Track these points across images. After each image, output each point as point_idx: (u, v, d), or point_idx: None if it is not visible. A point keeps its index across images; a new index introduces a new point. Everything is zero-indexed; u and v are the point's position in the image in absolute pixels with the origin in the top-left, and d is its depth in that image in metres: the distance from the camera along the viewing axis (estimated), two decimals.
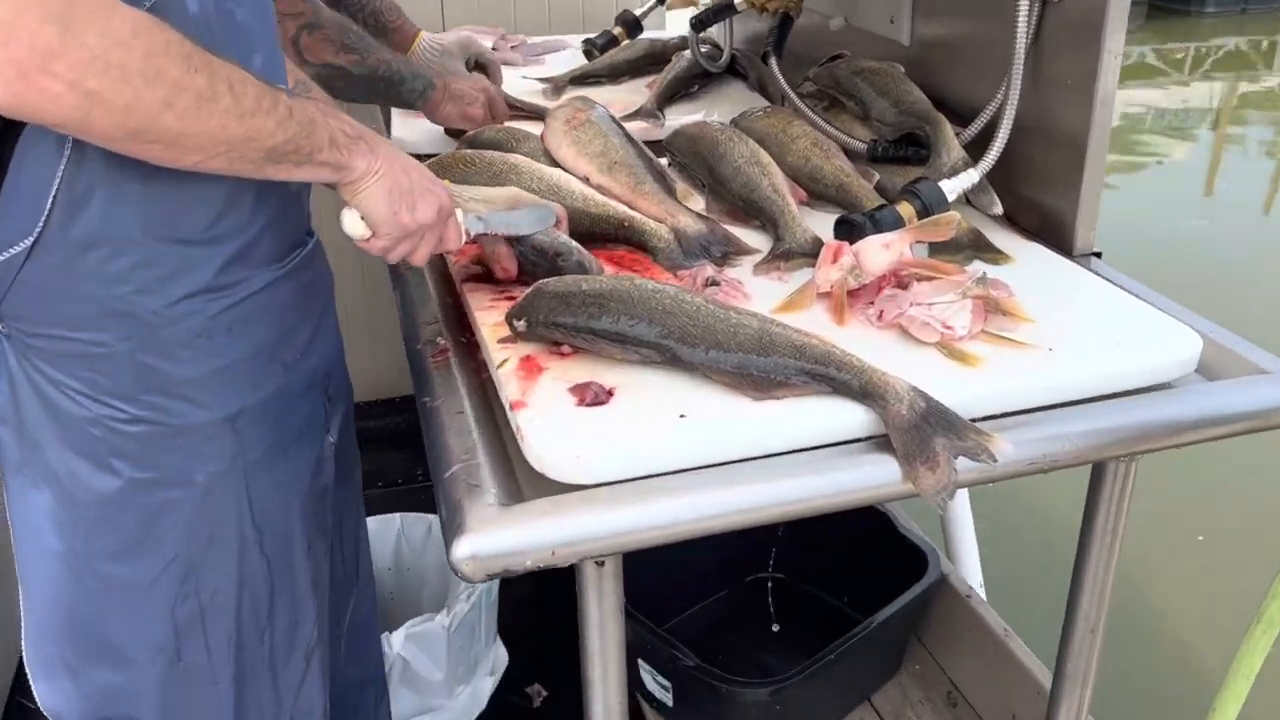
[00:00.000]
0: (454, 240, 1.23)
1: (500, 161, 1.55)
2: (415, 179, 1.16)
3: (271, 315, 1.10)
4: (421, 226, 1.16)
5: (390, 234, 1.14)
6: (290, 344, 1.13)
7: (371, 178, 1.11)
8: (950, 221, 1.30)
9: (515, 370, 1.17)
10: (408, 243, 1.17)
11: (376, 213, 1.12)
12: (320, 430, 1.20)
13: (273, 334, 1.11)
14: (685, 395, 1.11)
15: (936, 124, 1.55)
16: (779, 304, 1.31)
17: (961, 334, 1.20)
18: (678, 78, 2.22)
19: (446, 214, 1.20)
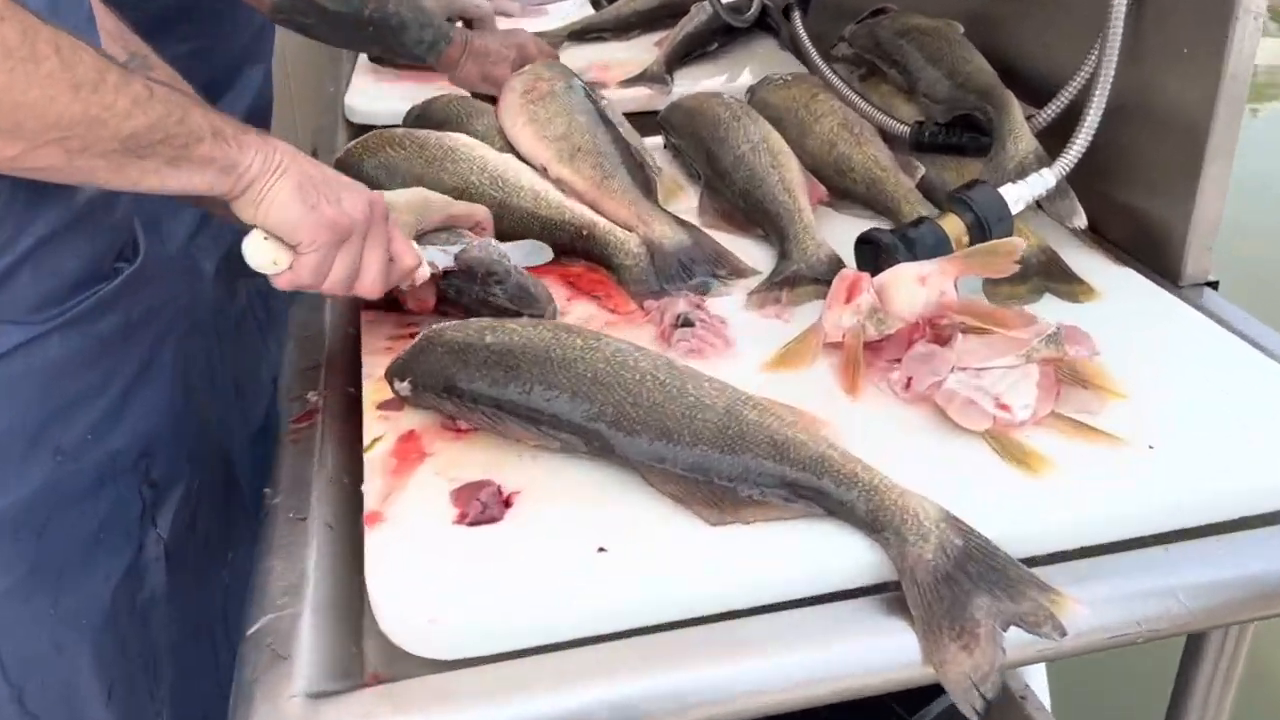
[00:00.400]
0: (409, 255, 0.92)
1: (435, 144, 1.21)
2: (329, 173, 0.87)
3: (30, 385, 0.79)
4: (354, 222, 0.85)
5: (315, 240, 0.83)
6: (69, 422, 0.82)
7: (273, 175, 0.81)
8: (1012, 251, 0.93)
9: (388, 455, 0.84)
10: (344, 253, 0.85)
11: (289, 215, 0.82)
12: (132, 531, 0.89)
13: (31, 411, 0.79)
14: (613, 512, 0.77)
15: (1002, 104, 1.17)
16: (771, 357, 0.96)
17: (1023, 418, 0.84)
18: (693, 34, 1.84)
19: (383, 212, 0.89)
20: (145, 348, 0.91)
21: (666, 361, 0.83)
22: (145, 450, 0.90)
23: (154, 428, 0.91)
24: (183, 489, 0.95)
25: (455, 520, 0.77)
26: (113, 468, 0.86)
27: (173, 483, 0.94)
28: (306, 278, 0.84)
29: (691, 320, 1.00)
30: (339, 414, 0.94)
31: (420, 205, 1.04)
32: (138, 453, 0.89)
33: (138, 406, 0.89)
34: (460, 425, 0.86)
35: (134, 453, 0.88)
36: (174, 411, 0.94)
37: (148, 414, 0.90)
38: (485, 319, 0.88)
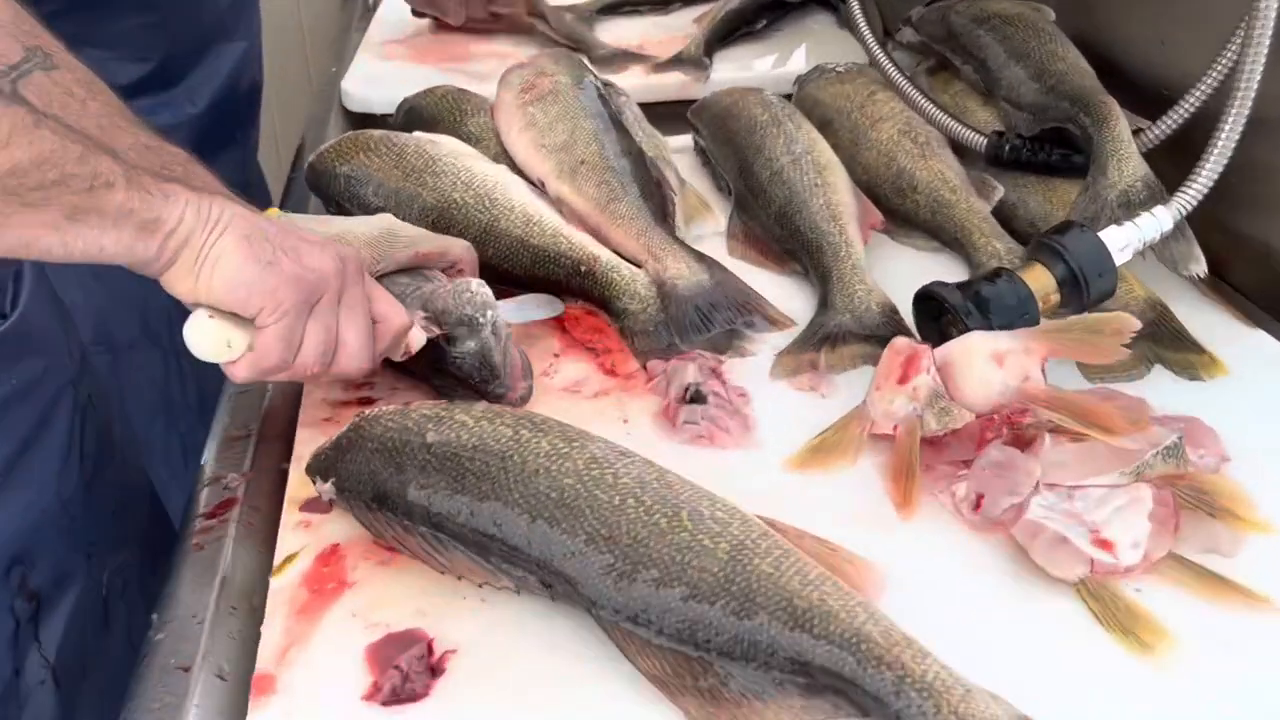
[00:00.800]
0: (397, 315, 0.72)
1: (415, 152, 1.02)
2: (283, 225, 0.67)
3: None
4: (323, 278, 0.66)
5: (278, 304, 0.64)
6: None
7: (211, 231, 0.62)
8: (1121, 331, 0.71)
9: (299, 584, 0.66)
10: (317, 320, 0.66)
11: (241, 276, 0.63)
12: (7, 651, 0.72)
13: None
14: (573, 697, 0.58)
15: (1101, 115, 0.95)
16: (800, 452, 0.76)
17: (1130, 562, 0.63)
18: (737, 9, 1.60)
19: (358, 268, 0.69)
20: (22, 425, 0.73)
21: (657, 475, 0.64)
22: (17, 556, 0.72)
23: (31, 526, 0.73)
24: (77, 591, 0.78)
25: (366, 695, 0.58)
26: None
27: (64, 587, 0.77)
28: (273, 356, 0.65)
29: (703, 395, 0.80)
30: (264, 507, 0.76)
31: (381, 238, 0.85)
32: (7, 560, 0.72)
33: (7, 502, 0.71)
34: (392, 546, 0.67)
35: (1, 561, 0.71)
36: (65, 497, 0.76)
37: (21, 511, 0.72)
38: (430, 405, 0.69)
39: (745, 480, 0.73)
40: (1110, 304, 0.87)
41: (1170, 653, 0.59)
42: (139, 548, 0.87)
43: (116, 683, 0.79)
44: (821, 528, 0.65)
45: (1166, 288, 0.91)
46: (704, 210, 1.09)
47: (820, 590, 0.57)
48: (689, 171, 1.18)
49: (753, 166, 1.06)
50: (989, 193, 1.02)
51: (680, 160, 1.19)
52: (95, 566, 0.81)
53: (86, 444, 0.80)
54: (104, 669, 0.81)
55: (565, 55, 1.15)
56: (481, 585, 0.63)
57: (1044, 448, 0.68)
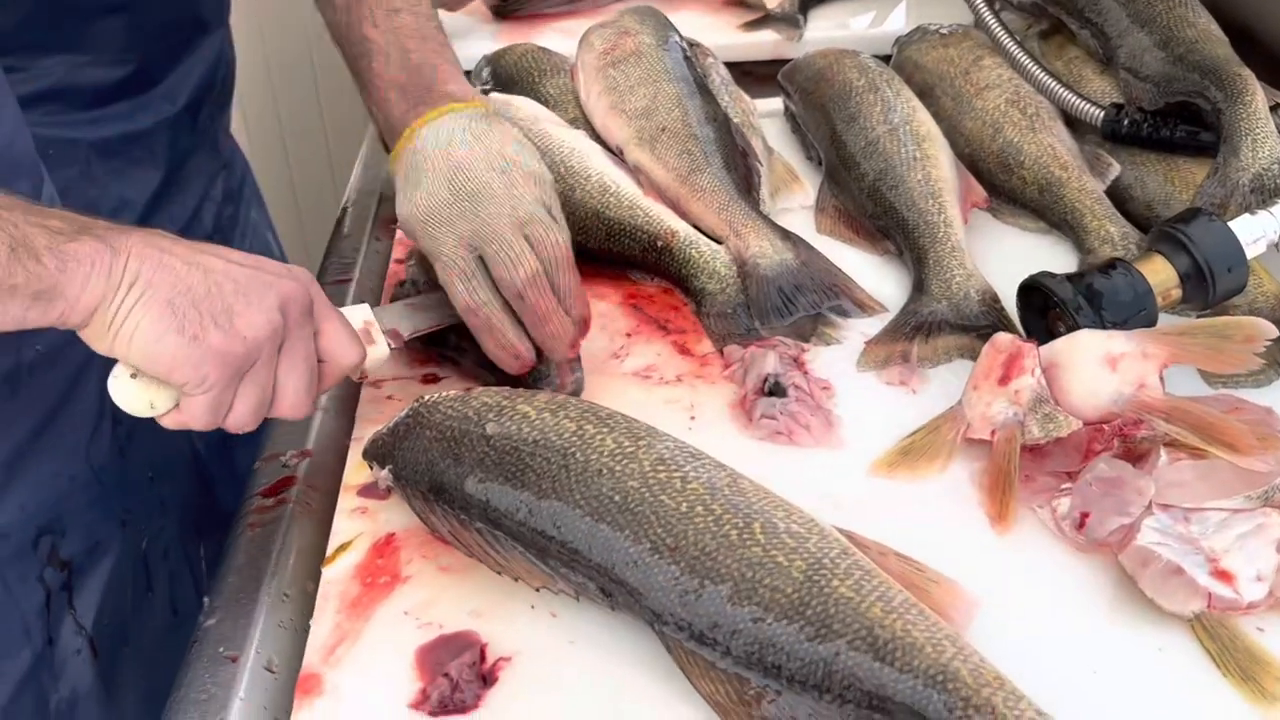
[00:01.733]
0: (348, 351, 0.66)
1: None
2: (215, 273, 0.59)
3: None
4: (255, 346, 0.59)
5: (200, 381, 0.58)
6: None
7: (124, 294, 0.56)
8: (1254, 337, 0.64)
9: (352, 576, 0.63)
10: (248, 385, 0.60)
11: (160, 351, 0.57)
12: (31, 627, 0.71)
13: None
14: (627, 711, 0.55)
15: (1235, 88, 0.86)
16: (887, 454, 0.70)
17: (1253, 598, 0.57)
18: None
19: (303, 307, 0.62)
20: (49, 392, 0.71)
21: (729, 479, 0.59)
22: (47, 526, 0.71)
23: (60, 494, 0.72)
24: (113, 559, 0.76)
25: (414, 703, 0.55)
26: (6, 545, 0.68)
27: (98, 555, 0.75)
28: (200, 422, 0.60)
29: (782, 387, 0.75)
30: (323, 486, 0.74)
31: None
32: (36, 529, 0.70)
33: (32, 470, 0.70)
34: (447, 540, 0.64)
35: (30, 528, 0.70)
36: (97, 464, 0.75)
37: (50, 479, 0.71)
38: (492, 393, 0.65)
39: (825, 484, 0.68)
40: (1238, 300, 0.79)
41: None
42: (179, 514, 0.86)
43: (159, 650, 0.78)
44: (907, 541, 0.60)
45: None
46: (792, 182, 1.02)
47: (905, 619, 0.52)
48: (778, 139, 1.12)
49: (846, 136, 1.00)
50: (1104, 171, 0.94)
51: (769, 126, 1.13)
52: (132, 534, 0.79)
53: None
54: (146, 636, 0.80)
55: (651, 12, 1.09)
56: (539, 589, 0.60)
57: (1159, 464, 0.62)
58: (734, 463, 0.62)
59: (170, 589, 0.84)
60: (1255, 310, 0.79)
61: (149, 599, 0.82)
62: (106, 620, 0.76)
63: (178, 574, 0.85)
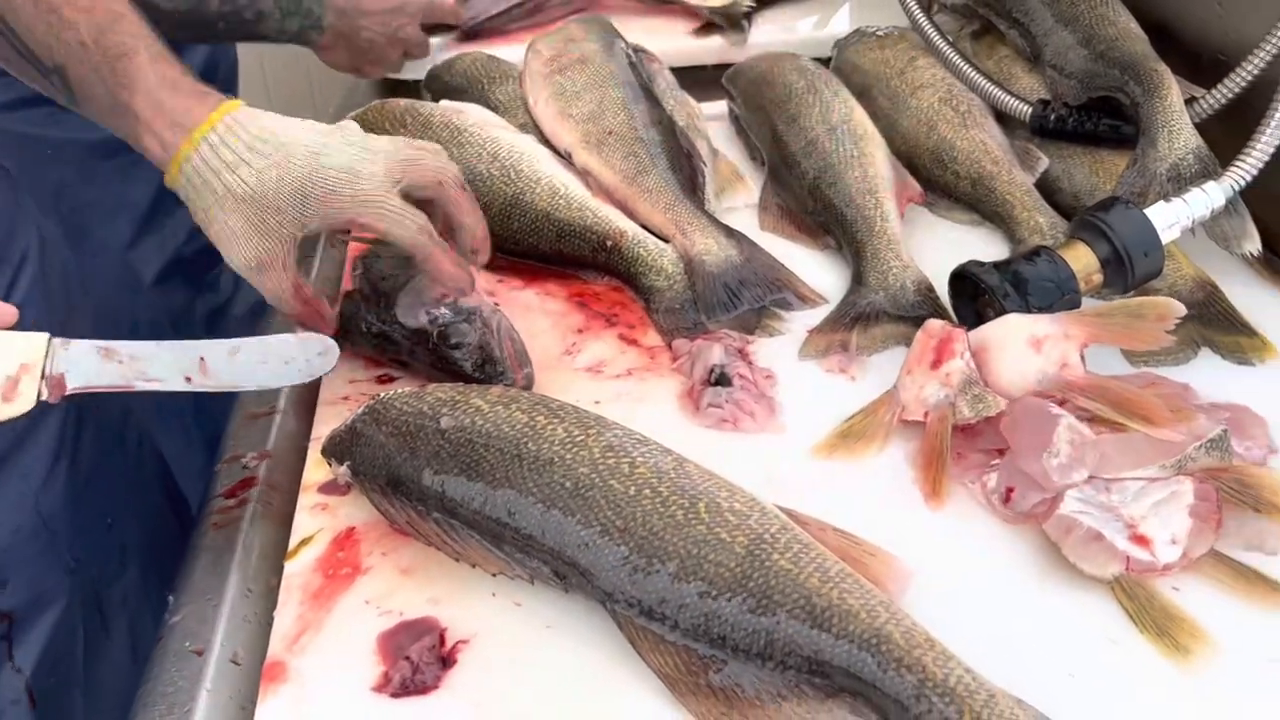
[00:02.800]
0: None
1: (440, 122, 1.00)
2: None
3: None
4: None
5: None
6: None
7: None
8: (1166, 316, 0.68)
9: (314, 568, 0.65)
10: None
11: None
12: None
13: None
14: (581, 686, 0.57)
15: (1152, 83, 0.90)
16: (826, 437, 0.73)
17: (1168, 560, 0.60)
18: None
19: None
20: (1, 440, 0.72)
21: (675, 463, 0.62)
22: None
23: (2, 546, 0.72)
24: (60, 608, 0.77)
25: (376, 685, 0.57)
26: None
27: (42, 605, 0.76)
28: None
29: (728, 377, 0.77)
30: (284, 486, 0.76)
31: (306, 190, 0.70)
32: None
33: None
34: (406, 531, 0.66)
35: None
36: (47, 513, 0.75)
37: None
38: (446, 388, 0.68)
39: (769, 467, 0.71)
40: (1158, 283, 0.83)
41: (1208, 656, 0.56)
42: (142, 559, 0.86)
43: (115, 694, 0.78)
44: (846, 517, 0.63)
45: (1219, 266, 0.86)
46: (737, 181, 1.06)
47: (840, 588, 0.55)
48: (723, 141, 1.15)
49: (786, 136, 1.03)
50: (1033, 164, 0.98)
51: (715, 129, 1.17)
52: (82, 581, 0.79)
53: (82, 450, 0.78)
54: (102, 680, 0.80)
55: (596, 21, 1.12)
56: (496, 574, 0.62)
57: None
58: (682, 450, 0.65)
59: (131, 633, 0.84)
60: (1175, 292, 0.83)
61: (105, 644, 0.82)
62: (49, 668, 0.76)
63: (138, 618, 0.85)
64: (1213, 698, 0.54)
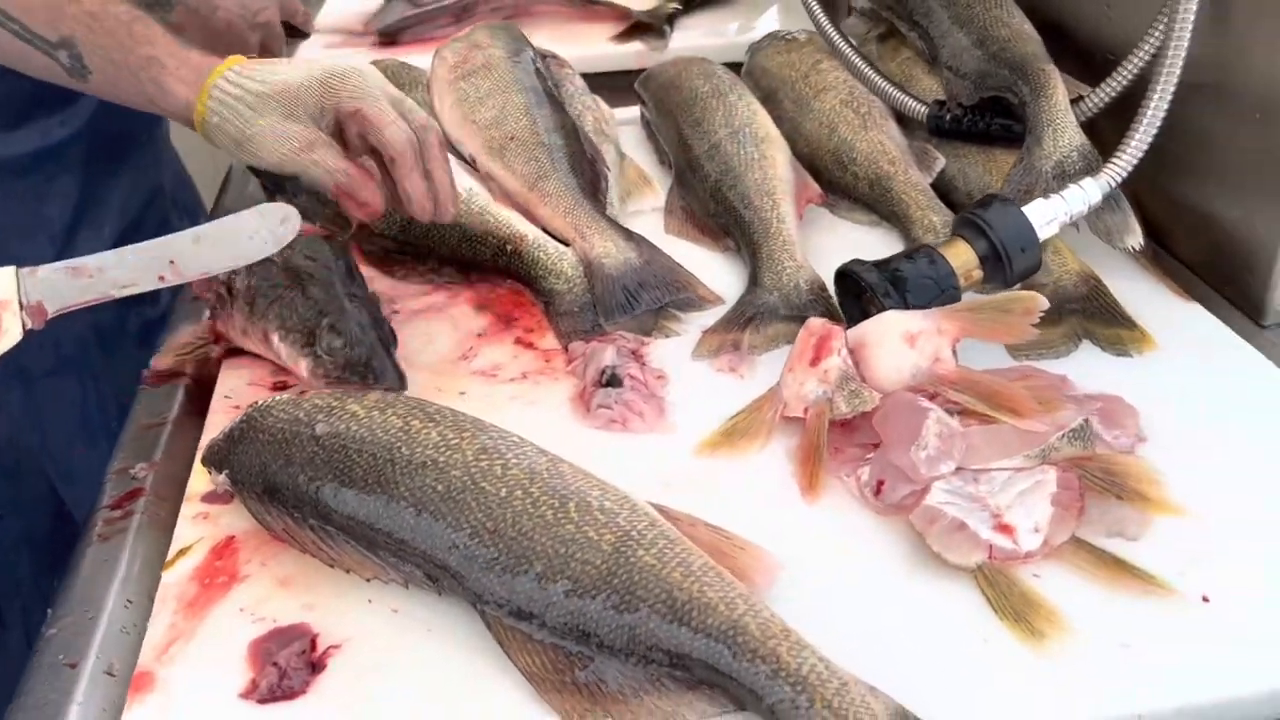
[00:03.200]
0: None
1: None
2: None
3: None
4: None
5: None
6: None
7: None
8: (1030, 310, 0.70)
9: (190, 578, 0.65)
10: None
11: None
12: None
13: None
14: (450, 687, 0.57)
15: (1040, 83, 0.92)
16: (710, 435, 0.74)
17: (1030, 548, 0.62)
18: None
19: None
20: None
21: (549, 464, 0.63)
22: None
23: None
24: None
25: (243, 692, 0.57)
26: None
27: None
28: None
29: (618, 378, 0.78)
30: (173, 498, 0.75)
31: (327, 83, 0.78)
32: None
33: None
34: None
35: None
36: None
37: None
38: (324, 395, 0.68)
39: (655, 466, 0.72)
40: (1044, 277, 0.85)
41: (1063, 640, 0.57)
42: (32, 550, 0.86)
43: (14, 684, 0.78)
44: (726, 513, 0.64)
45: (1107, 260, 0.88)
46: (644, 185, 1.07)
47: (702, 582, 0.56)
48: (636, 145, 1.16)
49: (691, 140, 1.04)
50: (930, 164, 1.00)
51: (629, 133, 1.18)
52: None
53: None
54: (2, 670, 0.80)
55: (504, 28, 1.12)
56: (370, 579, 0.63)
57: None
58: (570, 451, 0.66)
59: (25, 623, 0.84)
60: (1060, 286, 0.85)
61: (1, 634, 0.81)
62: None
63: (32, 608, 0.85)
64: (1062, 679, 0.56)
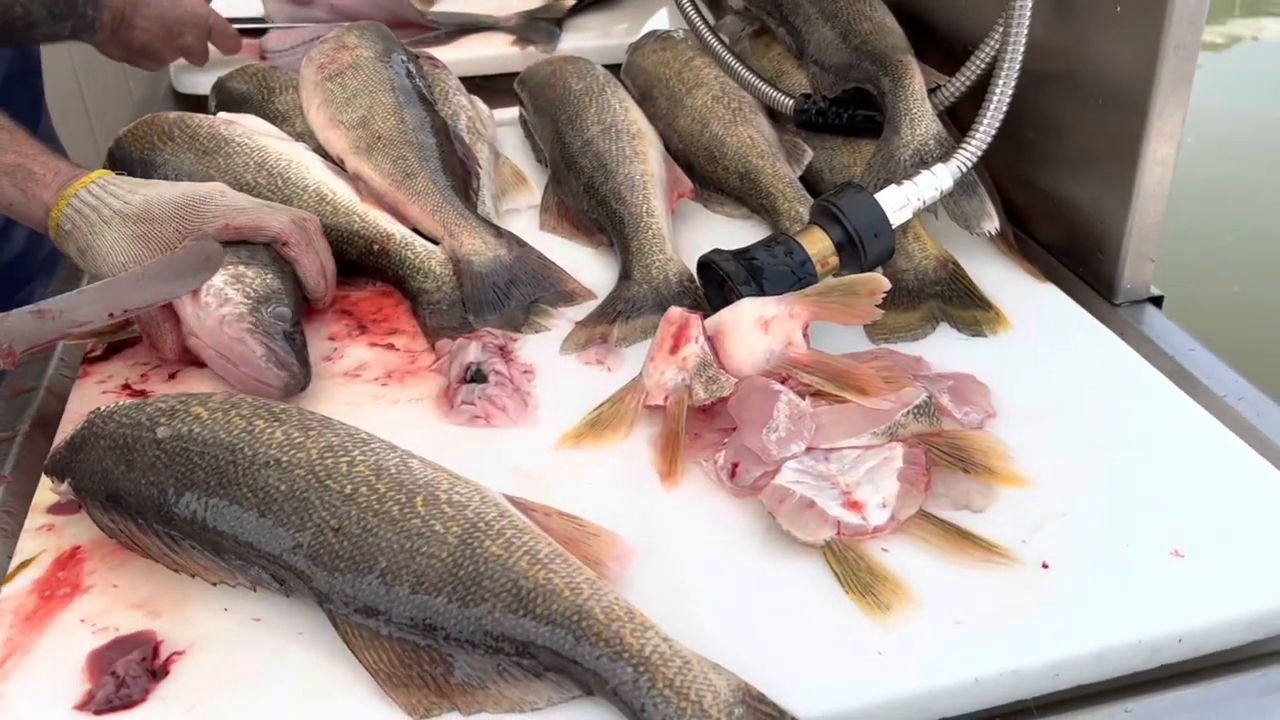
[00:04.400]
0: None
1: (208, 133, 0.98)
2: None
3: None
4: None
5: None
6: None
7: None
8: (875, 291, 0.71)
9: (30, 590, 0.63)
10: None
11: None
12: None
13: None
14: (296, 689, 0.57)
15: (898, 74, 0.94)
16: (573, 429, 0.74)
17: (877, 522, 0.63)
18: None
19: None
20: None
21: (398, 460, 0.62)
22: None
23: None
24: None
25: (79, 704, 0.56)
26: None
27: None
28: None
29: (483, 374, 0.78)
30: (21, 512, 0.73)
31: (188, 206, 0.82)
32: None
33: None
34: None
35: None
36: None
37: None
38: (168, 398, 0.66)
39: (518, 460, 0.72)
40: (904, 263, 0.87)
41: (906, 612, 0.59)
42: None
43: None
44: (587, 503, 0.64)
45: (969, 246, 0.91)
46: (519, 184, 1.07)
47: (548, 569, 0.56)
48: (515, 144, 1.16)
49: (565, 137, 1.04)
50: (799, 156, 1.02)
51: (509, 133, 1.18)
52: None
53: None
54: None
55: (373, 29, 1.11)
56: (216, 584, 0.61)
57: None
58: (432, 448, 0.65)
59: None
60: (921, 271, 0.87)
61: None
62: None
63: None
64: (903, 648, 0.57)
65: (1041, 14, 0.85)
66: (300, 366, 0.77)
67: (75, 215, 0.81)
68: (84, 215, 0.81)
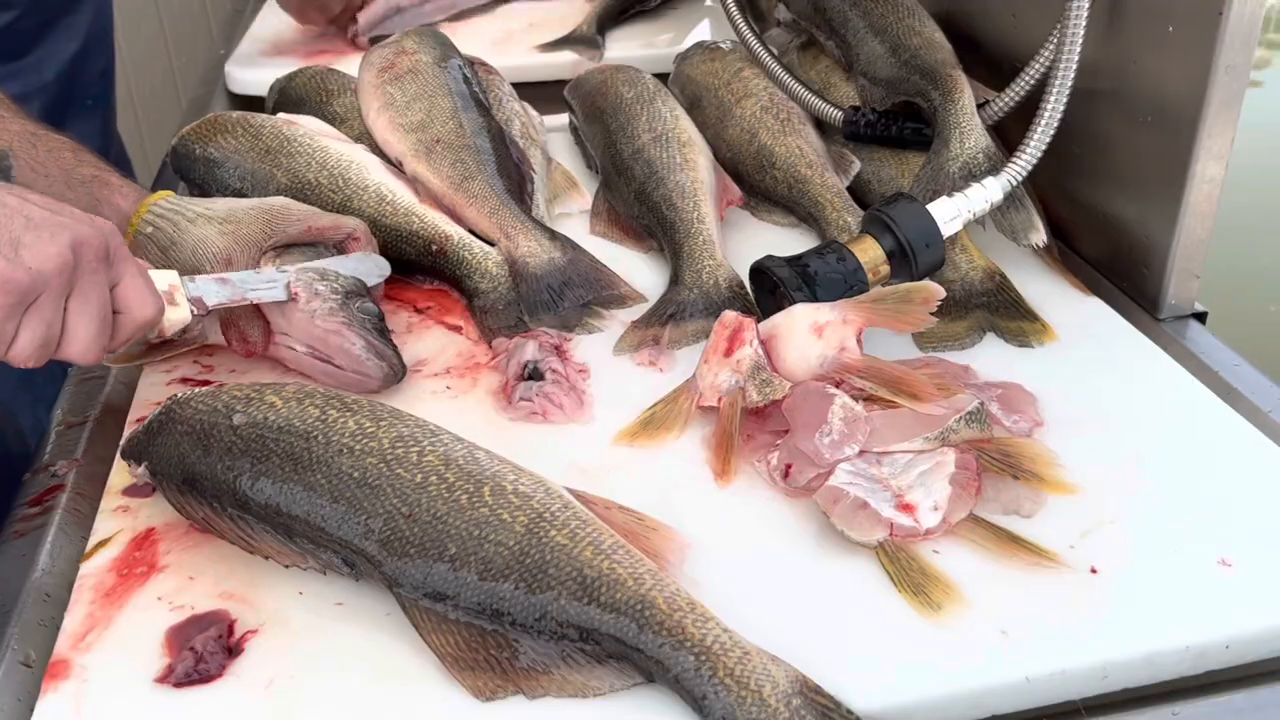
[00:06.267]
0: (145, 305, 0.69)
1: (271, 133, 1.01)
2: (15, 208, 0.62)
3: None
4: (41, 276, 0.62)
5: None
6: None
7: None
8: (929, 299, 0.73)
9: (108, 568, 0.66)
10: (33, 317, 0.62)
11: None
12: None
13: None
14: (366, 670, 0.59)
15: (948, 88, 0.96)
16: (628, 426, 0.76)
17: (930, 525, 0.64)
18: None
19: (98, 252, 0.65)
20: None
21: (465, 451, 0.64)
22: None
23: None
24: None
25: (159, 677, 0.58)
26: None
27: None
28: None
29: (540, 372, 0.80)
30: (95, 495, 0.75)
31: (274, 214, 0.86)
32: None
33: None
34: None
35: None
36: None
37: None
38: (243, 386, 0.69)
39: (575, 455, 0.74)
40: (952, 274, 0.88)
41: (958, 612, 0.60)
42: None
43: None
44: (642, 498, 0.66)
45: (1014, 258, 0.92)
46: (571, 188, 1.09)
47: (612, 559, 0.58)
48: (564, 150, 1.18)
49: (617, 144, 1.06)
50: (847, 167, 1.03)
51: (558, 139, 1.20)
52: None
53: None
54: None
55: (430, 33, 1.14)
56: (288, 566, 0.63)
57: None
58: (492, 442, 0.67)
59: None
60: (968, 282, 0.89)
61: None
62: None
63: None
64: (956, 647, 0.58)
65: (1093, 33, 0.87)
66: (398, 358, 0.79)
67: (157, 219, 0.84)
68: (167, 219, 0.84)
